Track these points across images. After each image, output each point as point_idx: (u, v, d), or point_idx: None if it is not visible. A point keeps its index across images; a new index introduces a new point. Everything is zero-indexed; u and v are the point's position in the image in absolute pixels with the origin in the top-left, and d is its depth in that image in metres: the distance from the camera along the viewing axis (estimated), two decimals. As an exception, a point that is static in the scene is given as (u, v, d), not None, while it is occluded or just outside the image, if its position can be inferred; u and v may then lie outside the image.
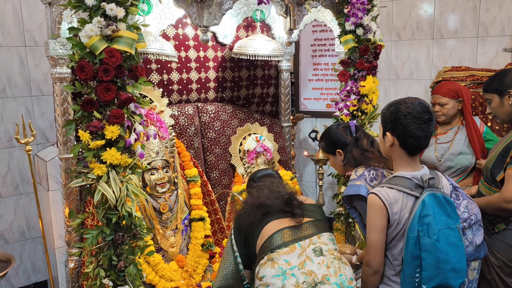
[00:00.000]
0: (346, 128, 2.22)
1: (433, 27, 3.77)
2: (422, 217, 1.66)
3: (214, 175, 2.99)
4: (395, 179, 1.77)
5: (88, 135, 1.72)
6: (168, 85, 2.82)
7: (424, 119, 1.70)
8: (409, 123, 1.70)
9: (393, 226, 1.73)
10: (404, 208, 1.71)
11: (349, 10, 2.56)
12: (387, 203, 1.70)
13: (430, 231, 1.64)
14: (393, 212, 1.71)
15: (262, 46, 2.93)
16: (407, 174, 1.75)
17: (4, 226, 3.15)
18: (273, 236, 1.70)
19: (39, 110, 3.22)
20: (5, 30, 3.02)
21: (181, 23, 2.80)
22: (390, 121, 1.75)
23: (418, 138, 1.71)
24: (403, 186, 1.72)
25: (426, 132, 1.71)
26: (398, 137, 1.74)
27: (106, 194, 1.74)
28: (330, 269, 1.62)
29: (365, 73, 2.68)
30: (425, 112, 1.71)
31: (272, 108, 3.43)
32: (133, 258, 1.91)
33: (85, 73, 1.67)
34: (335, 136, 2.20)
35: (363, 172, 2.03)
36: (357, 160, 2.10)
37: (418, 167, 1.79)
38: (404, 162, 1.78)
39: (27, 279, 3.29)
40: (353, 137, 2.18)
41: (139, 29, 1.79)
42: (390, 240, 1.76)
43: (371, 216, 1.75)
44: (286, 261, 1.62)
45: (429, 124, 1.72)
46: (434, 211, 1.67)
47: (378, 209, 1.72)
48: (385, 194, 1.71)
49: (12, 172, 3.14)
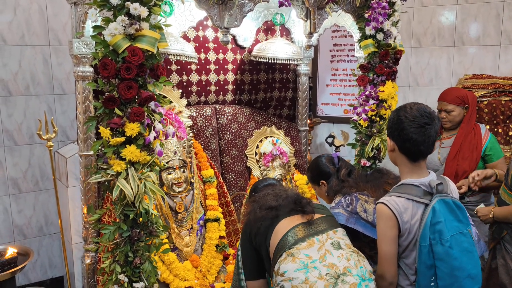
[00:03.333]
0: (330, 160, 2.27)
1: (454, 34, 3.73)
2: (434, 224, 1.63)
3: (230, 176, 3.00)
4: (402, 187, 1.73)
5: (108, 131, 1.75)
6: (187, 86, 2.85)
7: (420, 123, 1.67)
8: (405, 126, 1.69)
9: (405, 236, 1.70)
10: (414, 217, 1.68)
11: (369, 14, 2.55)
12: (396, 212, 1.67)
13: (443, 239, 1.61)
14: (403, 221, 1.68)
15: (281, 49, 2.94)
16: (415, 181, 1.72)
17: (23, 221, 3.21)
18: (287, 234, 1.69)
19: (60, 108, 3.28)
20: (31, 29, 3.10)
21: (201, 25, 2.83)
22: (390, 126, 1.77)
23: (415, 142, 1.68)
24: (412, 194, 1.69)
25: (423, 136, 1.68)
26: (397, 142, 1.74)
27: (124, 190, 1.76)
28: (350, 262, 1.61)
29: (384, 78, 2.67)
30: (422, 116, 1.68)
31: (289, 112, 3.43)
32: (148, 255, 1.93)
33: (108, 71, 1.71)
34: (321, 167, 2.26)
35: (340, 199, 2.11)
36: (334, 189, 2.17)
37: (424, 173, 1.76)
38: (408, 168, 1.76)
39: (43, 274, 3.34)
40: (335, 168, 2.24)
41: (161, 28, 1.82)
42: (403, 250, 1.73)
43: (381, 226, 1.71)
44: (306, 255, 1.61)
45: (426, 128, 1.68)
46: (445, 217, 1.64)
47: (388, 219, 1.68)
48: (393, 203, 1.68)
49: (33, 168, 3.21)
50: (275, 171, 3.03)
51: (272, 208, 1.78)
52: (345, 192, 2.13)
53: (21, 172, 3.17)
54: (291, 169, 3.19)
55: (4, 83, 3.05)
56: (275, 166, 3.05)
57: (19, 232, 3.21)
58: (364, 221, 2.03)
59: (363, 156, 2.77)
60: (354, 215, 2.04)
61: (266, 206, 1.80)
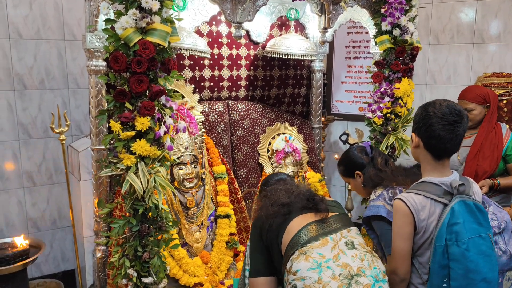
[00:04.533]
0: (361, 150, 2.21)
1: (474, 31, 3.64)
2: (451, 225, 1.59)
3: (242, 173, 2.98)
4: (422, 185, 1.70)
5: (119, 125, 1.75)
6: (200, 82, 2.83)
7: (449, 120, 1.63)
8: (433, 123, 1.64)
9: (420, 234, 1.66)
10: (431, 215, 1.64)
11: (386, 10, 2.50)
12: (413, 210, 1.64)
13: (459, 240, 1.57)
14: (419, 219, 1.64)
15: (295, 45, 2.90)
16: (435, 180, 1.68)
17: (37, 214, 3.25)
18: (300, 231, 1.66)
19: (74, 103, 3.30)
20: (46, 24, 3.12)
21: (215, 20, 2.81)
22: (416, 121, 1.72)
23: (441, 140, 1.64)
24: (431, 193, 1.65)
25: (451, 134, 1.64)
26: (422, 138, 1.69)
27: (134, 184, 1.76)
28: (364, 262, 1.58)
29: (400, 75, 2.61)
30: (452, 114, 1.64)
31: (303, 109, 3.39)
32: (157, 250, 1.93)
33: (119, 64, 1.70)
34: (352, 157, 2.19)
35: (381, 192, 2.03)
36: (373, 180, 2.08)
37: (447, 172, 1.72)
38: (431, 166, 1.71)
39: (56, 266, 3.38)
40: (369, 158, 2.16)
41: (173, 22, 1.81)
42: (418, 248, 1.69)
43: (396, 222, 1.69)
44: (320, 254, 1.58)
45: (455, 126, 1.64)
46: (464, 219, 1.59)
47: (404, 215, 1.66)
48: (411, 200, 1.65)
49: (47, 162, 3.24)
50: (287, 168, 3.00)
51: (284, 204, 1.75)
52: (387, 185, 2.05)
53: (35, 166, 3.20)
54: (304, 167, 3.16)
55: (19, 77, 3.08)
56: (287, 163, 3.02)
57: (33, 225, 3.24)
58: None
59: (377, 154, 2.72)
60: None
61: (278, 203, 1.76)
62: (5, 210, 3.13)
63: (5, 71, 3.03)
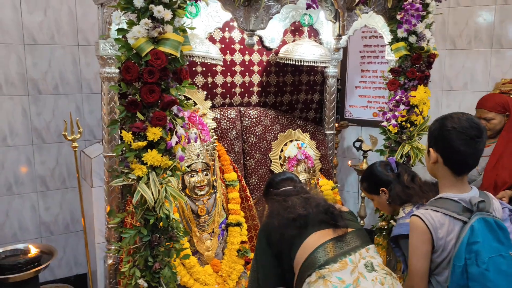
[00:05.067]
0: (386, 166, 2.15)
1: (492, 36, 3.56)
2: (471, 244, 1.53)
3: (253, 180, 2.95)
4: (440, 201, 1.64)
5: (130, 135, 1.74)
6: (212, 88, 2.82)
7: (470, 135, 1.58)
8: (454, 138, 1.59)
9: (438, 252, 1.61)
10: (450, 233, 1.59)
11: (402, 16, 2.45)
12: (431, 227, 1.59)
13: (479, 260, 1.52)
14: (438, 237, 1.59)
15: (308, 51, 2.87)
16: (454, 196, 1.63)
17: (50, 218, 3.27)
18: (317, 250, 1.62)
19: (88, 108, 3.32)
20: (60, 29, 3.14)
21: (228, 26, 2.80)
22: (434, 136, 1.65)
23: (463, 155, 1.59)
24: (450, 210, 1.60)
25: (472, 149, 1.59)
26: (442, 154, 1.63)
27: (145, 195, 1.74)
28: (385, 286, 1.55)
29: (416, 83, 2.56)
30: (472, 128, 1.58)
31: (316, 115, 3.35)
32: (168, 260, 1.91)
33: (131, 74, 1.69)
34: (377, 174, 2.13)
35: (411, 209, 1.96)
36: (400, 197, 2.02)
37: (466, 188, 1.67)
38: (450, 182, 1.66)
39: (68, 271, 3.40)
40: (395, 174, 2.10)
41: (185, 31, 1.79)
42: (436, 267, 1.64)
43: (414, 240, 1.63)
44: (339, 278, 1.54)
45: (476, 141, 1.58)
46: (484, 237, 1.54)
47: (422, 233, 1.60)
48: (429, 218, 1.60)
49: (60, 167, 3.26)
50: (300, 175, 2.96)
51: (300, 216, 1.70)
52: (416, 202, 1.99)
53: (48, 170, 3.22)
54: (316, 174, 3.12)
55: (34, 82, 3.11)
56: (299, 170, 2.98)
57: (46, 229, 3.27)
58: None
59: (392, 163, 2.67)
60: None
61: (293, 212, 1.70)
62: (19, 214, 3.16)
63: (20, 76, 3.06)
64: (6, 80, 3.02)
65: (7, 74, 3.02)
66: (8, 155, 3.08)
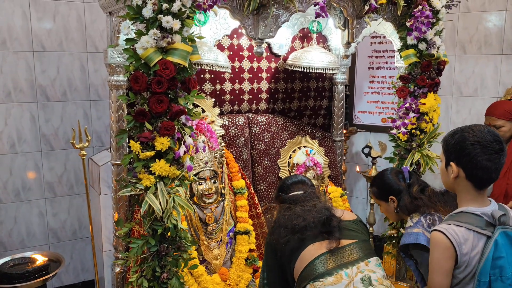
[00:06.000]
0: (399, 174, 2.12)
1: (502, 41, 3.52)
2: (495, 259, 1.49)
3: (262, 187, 2.93)
4: (463, 216, 1.59)
5: (138, 145, 1.73)
6: (220, 95, 2.81)
7: (495, 149, 1.54)
8: (478, 153, 1.54)
9: (462, 268, 1.56)
10: (474, 249, 1.54)
11: (412, 23, 2.42)
12: (455, 243, 1.54)
13: (504, 275, 1.48)
14: (462, 253, 1.54)
15: (317, 58, 2.85)
16: (476, 210, 1.58)
17: (58, 225, 3.28)
18: (314, 262, 1.60)
19: (96, 114, 3.32)
20: (69, 36, 3.15)
21: (236, 34, 2.78)
22: (455, 150, 1.59)
23: (488, 170, 1.55)
24: (473, 224, 1.55)
25: (497, 164, 1.55)
26: (465, 169, 1.58)
27: (152, 205, 1.73)
28: None
29: (426, 90, 2.53)
30: (495, 142, 1.54)
31: (324, 121, 3.33)
32: (176, 271, 1.90)
33: (139, 84, 1.68)
34: (388, 182, 2.10)
35: (419, 218, 1.93)
36: (408, 208, 1.99)
37: (486, 202, 1.62)
38: (471, 196, 1.61)
39: (76, 277, 3.40)
40: (406, 184, 2.07)
41: (194, 41, 1.78)
42: (458, 282, 1.59)
43: (436, 256, 1.58)
44: None
45: (501, 155, 1.55)
46: (507, 252, 1.50)
47: (446, 249, 1.55)
48: (453, 233, 1.55)
49: (68, 173, 3.26)
50: (308, 183, 2.94)
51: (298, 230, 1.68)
52: (424, 211, 1.96)
53: (56, 176, 3.23)
54: (325, 181, 3.09)
55: (42, 88, 3.12)
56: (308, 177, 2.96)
57: (53, 235, 3.27)
58: None
59: (402, 171, 2.64)
60: None
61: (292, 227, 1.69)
62: (27, 220, 3.17)
63: (28, 83, 3.07)
64: (15, 87, 3.04)
65: (16, 81, 3.03)
66: (16, 161, 3.10)
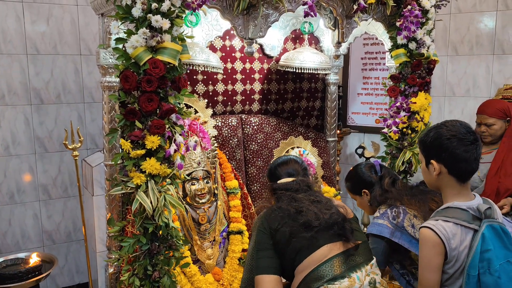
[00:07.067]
0: (371, 168, 2.15)
1: (494, 41, 3.55)
2: (483, 252, 1.51)
3: (255, 188, 2.95)
4: (449, 211, 1.61)
5: (129, 144, 1.74)
6: (213, 96, 2.83)
7: (470, 140, 1.57)
8: (456, 146, 1.57)
9: (451, 263, 1.57)
10: (462, 243, 1.56)
11: (401, 23, 2.45)
12: (444, 238, 1.55)
13: (491, 268, 1.49)
14: (451, 248, 1.55)
15: (308, 59, 2.87)
16: (462, 205, 1.59)
17: (52, 227, 3.28)
18: (326, 264, 1.63)
19: (90, 116, 3.33)
20: (63, 39, 3.17)
21: (228, 35, 2.81)
22: (433, 148, 1.62)
23: (467, 161, 1.58)
24: (460, 219, 1.56)
25: (475, 154, 1.58)
26: (446, 164, 1.60)
27: (143, 203, 1.74)
28: None
29: (416, 89, 2.55)
30: (469, 133, 1.58)
31: (317, 122, 3.35)
32: (167, 269, 1.91)
33: (129, 83, 1.70)
34: (361, 175, 2.15)
35: (385, 210, 1.98)
36: (378, 200, 2.03)
37: (471, 196, 1.64)
38: (456, 191, 1.63)
39: (71, 279, 3.39)
40: (378, 176, 2.11)
41: (184, 40, 1.80)
42: (448, 278, 1.60)
43: (425, 253, 1.59)
44: None
45: (476, 145, 1.58)
46: (494, 245, 1.52)
47: (434, 245, 1.56)
48: (441, 229, 1.56)
49: (62, 175, 3.27)
50: (301, 183, 2.95)
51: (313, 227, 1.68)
52: (391, 204, 2.01)
53: (51, 179, 3.23)
54: (319, 181, 3.10)
55: (36, 91, 3.13)
56: (301, 178, 2.97)
57: (48, 237, 3.27)
58: (411, 237, 1.93)
59: (394, 170, 2.65)
60: (400, 229, 1.94)
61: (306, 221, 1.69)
62: (21, 223, 3.17)
63: (22, 86, 3.08)
64: (9, 89, 3.05)
65: (10, 83, 3.05)
66: (11, 164, 3.10)
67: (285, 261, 1.73)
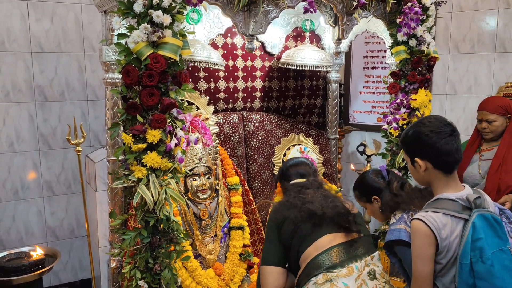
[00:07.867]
0: (377, 174, 2.14)
1: (495, 40, 3.56)
2: (474, 241, 1.53)
3: (256, 184, 2.97)
4: (439, 202, 1.63)
5: (130, 138, 1.77)
6: (214, 93, 2.85)
7: (448, 132, 1.61)
8: (435, 140, 1.61)
9: (443, 253, 1.59)
10: (453, 233, 1.58)
11: (401, 20, 2.47)
12: (434, 229, 1.57)
13: (484, 256, 1.51)
14: (442, 238, 1.57)
15: (309, 56, 2.89)
16: (451, 196, 1.62)
17: (55, 223, 3.31)
18: (326, 252, 1.68)
19: (93, 114, 3.37)
20: (67, 37, 3.20)
21: (230, 32, 2.83)
22: (415, 146, 1.67)
23: (450, 153, 1.61)
24: (450, 209, 1.59)
25: (455, 144, 1.62)
26: (430, 159, 1.64)
27: (144, 197, 1.77)
28: None
29: (417, 86, 2.57)
30: (446, 125, 1.63)
31: (318, 120, 3.37)
32: (168, 262, 1.93)
33: (131, 78, 1.72)
34: (368, 183, 2.12)
35: (402, 215, 1.96)
36: (390, 205, 2.03)
37: (459, 187, 1.67)
38: (444, 182, 1.66)
39: (74, 275, 3.42)
40: (385, 182, 2.11)
41: (184, 36, 1.83)
42: (441, 269, 1.62)
43: (417, 244, 1.61)
44: (345, 284, 1.62)
45: (454, 135, 1.62)
46: (486, 233, 1.54)
47: (425, 236, 1.58)
48: (431, 219, 1.58)
49: (66, 172, 3.30)
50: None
51: (317, 214, 1.74)
52: (405, 208, 1.98)
53: (54, 175, 3.27)
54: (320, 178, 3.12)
55: (40, 89, 3.16)
56: (302, 174, 2.99)
57: (51, 234, 3.30)
58: None
59: (394, 166, 2.67)
60: None
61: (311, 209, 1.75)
62: (25, 219, 3.20)
63: (27, 84, 3.12)
64: (14, 87, 3.09)
65: (15, 81, 3.08)
66: (15, 161, 3.14)
67: (292, 253, 1.77)
